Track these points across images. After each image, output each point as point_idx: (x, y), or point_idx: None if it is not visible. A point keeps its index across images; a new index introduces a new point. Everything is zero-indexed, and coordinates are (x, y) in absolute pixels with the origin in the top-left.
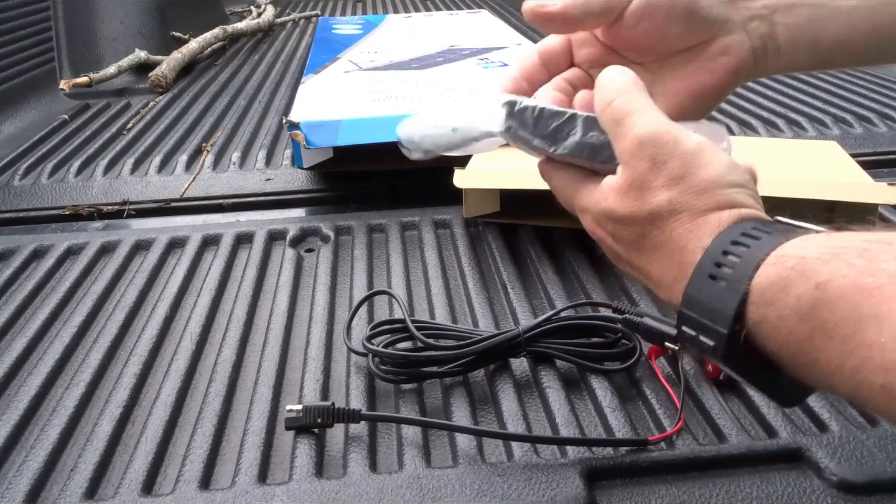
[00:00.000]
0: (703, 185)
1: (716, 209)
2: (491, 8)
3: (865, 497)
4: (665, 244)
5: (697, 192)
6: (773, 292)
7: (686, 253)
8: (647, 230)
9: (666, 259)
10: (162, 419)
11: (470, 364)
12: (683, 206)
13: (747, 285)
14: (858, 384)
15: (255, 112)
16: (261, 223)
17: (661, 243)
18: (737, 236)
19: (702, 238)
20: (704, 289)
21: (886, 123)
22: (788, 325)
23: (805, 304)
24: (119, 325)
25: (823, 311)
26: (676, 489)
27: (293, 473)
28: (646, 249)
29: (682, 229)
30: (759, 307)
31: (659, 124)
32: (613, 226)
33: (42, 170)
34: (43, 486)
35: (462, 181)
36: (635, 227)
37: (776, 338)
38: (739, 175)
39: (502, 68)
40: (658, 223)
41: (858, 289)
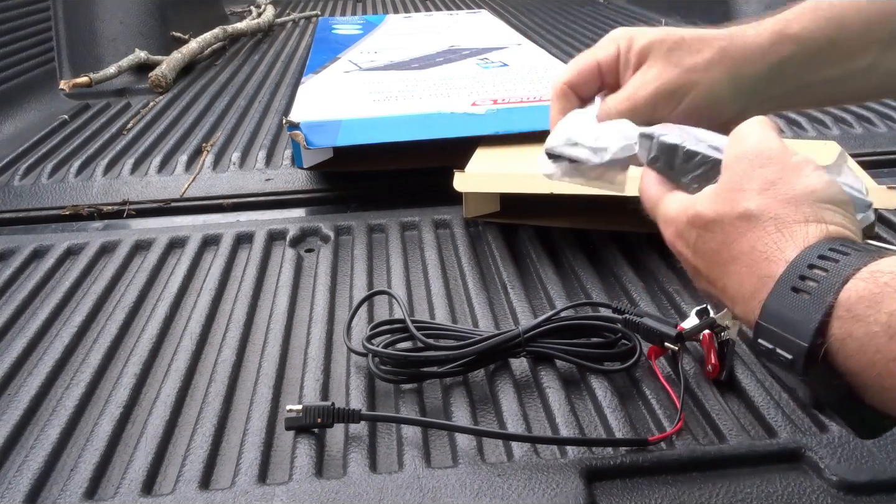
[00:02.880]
0: (795, 195)
1: (804, 222)
2: (491, 8)
3: (865, 497)
4: (747, 253)
5: (788, 200)
6: (862, 307)
7: (769, 264)
8: (731, 237)
9: (746, 270)
10: (162, 419)
11: (470, 364)
12: (771, 213)
13: (833, 298)
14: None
15: (255, 112)
16: (261, 223)
17: (743, 252)
18: (825, 251)
19: (786, 251)
20: (786, 301)
21: (886, 123)
22: (877, 344)
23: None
24: (119, 325)
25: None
26: (676, 489)
27: (293, 473)
28: (726, 261)
29: (768, 239)
30: (846, 322)
31: (771, 139)
32: (697, 233)
33: (42, 170)
34: (43, 486)
35: (462, 185)
36: (719, 234)
37: (861, 357)
38: (837, 194)
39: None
40: (743, 229)
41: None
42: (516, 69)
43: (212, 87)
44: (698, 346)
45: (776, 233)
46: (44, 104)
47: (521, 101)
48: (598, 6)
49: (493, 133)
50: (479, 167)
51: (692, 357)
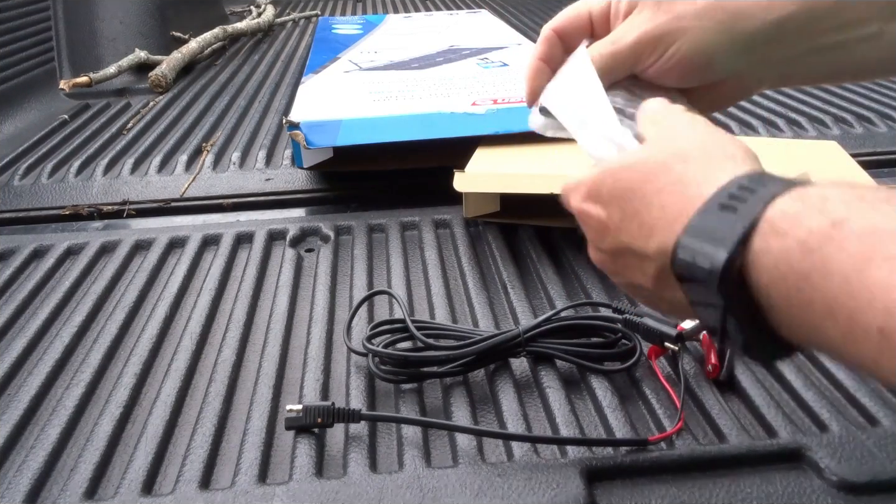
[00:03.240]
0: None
1: (732, 158)
2: (491, 8)
3: (865, 497)
4: (674, 183)
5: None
6: (785, 223)
7: (699, 187)
8: (657, 172)
9: (671, 196)
10: (162, 419)
11: (470, 364)
12: (703, 151)
13: (760, 211)
14: (851, 328)
15: (255, 112)
16: (261, 223)
17: (670, 182)
18: (755, 176)
19: (718, 176)
20: (713, 217)
21: (886, 123)
22: (791, 259)
23: (815, 238)
24: (119, 325)
25: (832, 249)
26: (676, 489)
27: (293, 473)
28: (647, 193)
29: (698, 169)
30: (767, 236)
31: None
32: (615, 179)
33: (42, 170)
34: (43, 486)
35: (462, 185)
36: (640, 172)
37: (774, 271)
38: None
39: None
40: (672, 163)
41: (876, 231)
42: (516, 69)
43: (212, 87)
44: (698, 346)
45: (706, 164)
46: (44, 104)
47: (522, 101)
48: None
49: (493, 133)
50: (479, 167)
51: (692, 357)
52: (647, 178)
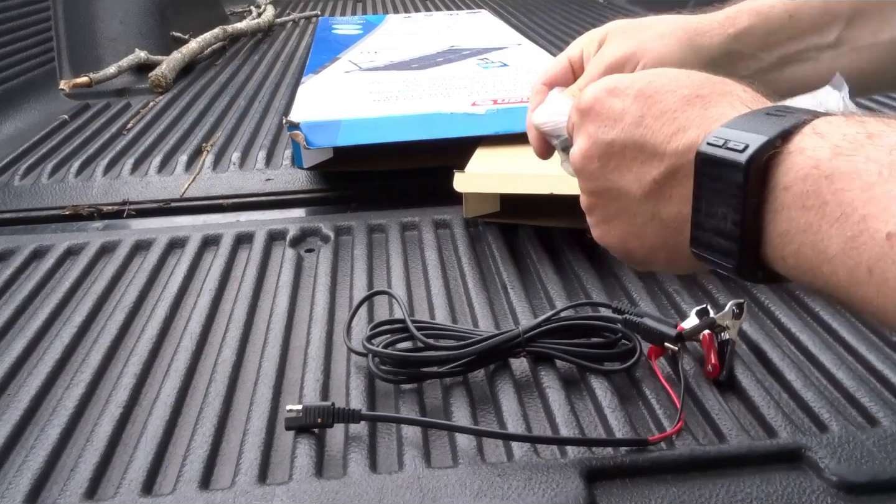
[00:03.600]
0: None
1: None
2: (491, 8)
3: (865, 497)
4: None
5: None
6: (826, 127)
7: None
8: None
9: (716, 100)
10: (162, 419)
11: (470, 364)
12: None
13: (806, 118)
14: (860, 232)
15: (255, 112)
16: (261, 223)
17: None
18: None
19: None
20: (758, 118)
21: None
22: (820, 159)
23: (848, 143)
24: (119, 325)
25: (860, 155)
26: (676, 489)
27: (293, 473)
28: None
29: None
30: (805, 137)
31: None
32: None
33: (42, 170)
34: (43, 486)
35: (462, 185)
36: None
37: (798, 171)
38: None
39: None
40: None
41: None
42: (516, 69)
43: (212, 87)
44: (698, 346)
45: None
46: (44, 104)
47: (521, 101)
48: (598, 6)
49: (493, 133)
50: (479, 167)
51: (692, 357)
52: (690, 85)
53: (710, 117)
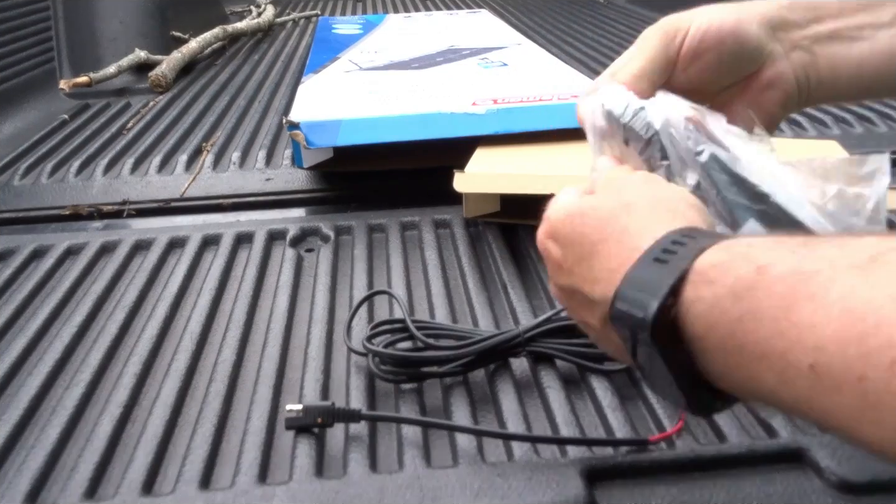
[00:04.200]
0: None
1: (672, 211)
2: (491, 8)
3: (865, 497)
4: (619, 232)
5: (662, 197)
6: (714, 272)
7: (639, 239)
8: (606, 220)
9: (615, 247)
10: (162, 419)
11: (470, 364)
12: (647, 202)
13: (689, 264)
14: (785, 368)
15: (255, 112)
16: (261, 223)
17: (615, 231)
18: (688, 231)
19: (655, 230)
20: (647, 269)
21: (887, 123)
22: (722, 306)
23: (742, 284)
24: (119, 325)
25: (759, 293)
26: (676, 489)
27: (293, 473)
28: (595, 242)
29: (641, 220)
30: (697, 286)
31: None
32: (577, 222)
33: (42, 170)
34: (43, 486)
35: (462, 185)
36: (593, 220)
37: (707, 319)
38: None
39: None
40: (619, 212)
41: (797, 273)
42: (516, 69)
43: (212, 87)
44: None
45: (648, 216)
46: (44, 104)
47: (521, 101)
48: (598, 6)
49: (493, 133)
50: (479, 167)
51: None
52: (596, 226)
53: (612, 269)
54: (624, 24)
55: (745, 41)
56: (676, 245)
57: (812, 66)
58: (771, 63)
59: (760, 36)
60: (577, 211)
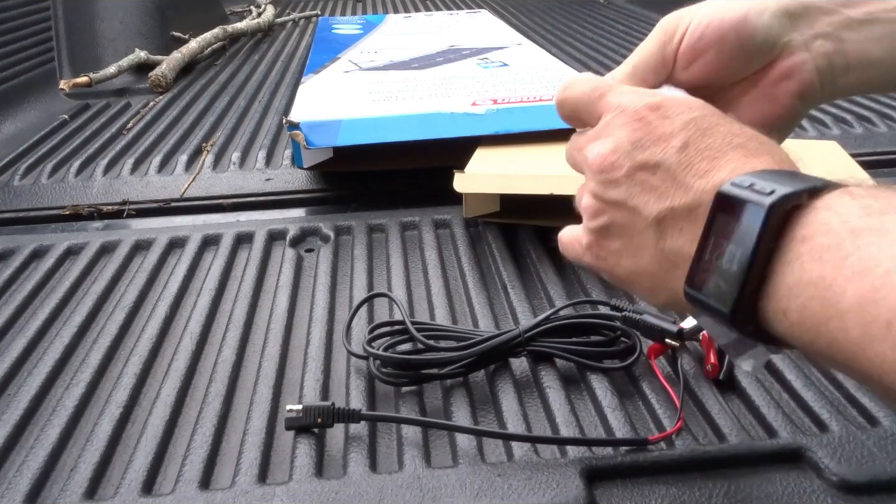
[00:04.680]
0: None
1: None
2: (491, 8)
3: (865, 497)
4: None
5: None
6: (858, 190)
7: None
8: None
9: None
10: (162, 419)
11: (471, 365)
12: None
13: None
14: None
15: (255, 112)
16: (261, 223)
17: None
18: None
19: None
20: (791, 175)
21: (886, 123)
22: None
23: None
24: (119, 325)
25: (889, 217)
26: (676, 489)
27: (293, 473)
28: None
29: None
30: (835, 196)
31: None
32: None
33: (42, 170)
34: (43, 486)
35: (462, 185)
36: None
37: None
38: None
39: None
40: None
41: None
42: (516, 69)
43: (212, 87)
44: (698, 346)
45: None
46: (44, 104)
47: (521, 101)
48: (598, 6)
49: (493, 133)
50: (479, 167)
51: (692, 356)
52: (737, 134)
53: (746, 166)
54: (624, 24)
55: (749, 35)
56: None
57: (839, 53)
58: (786, 55)
59: (772, 27)
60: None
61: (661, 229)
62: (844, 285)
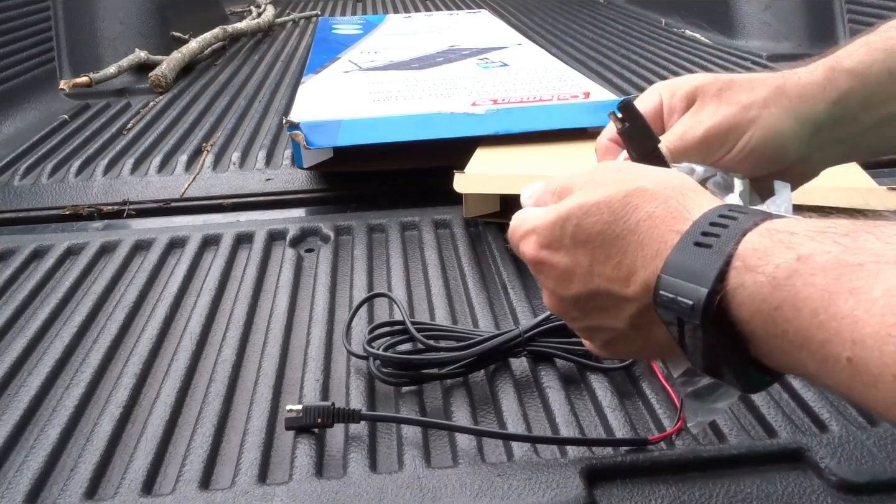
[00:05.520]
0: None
1: (697, 194)
2: (491, 8)
3: (865, 497)
4: (646, 220)
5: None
6: (755, 259)
7: (675, 222)
8: (624, 211)
9: (646, 234)
10: (162, 419)
11: (471, 365)
12: (666, 188)
13: (733, 248)
14: (824, 359)
15: (255, 112)
16: (261, 223)
17: (642, 220)
18: (724, 212)
19: (690, 211)
20: (689, 254)
21: None
22: (762, 293)
23: (783, 272)
24: (119, 325)
25: (798, 282)
26: (676, 489)
27: (293, 473)
28: (619, 234)
29: (669, 204)
30: (740, 272)
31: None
32: (576, 223)
33: (42, 170)
34: (43, 486)
35: (462, 186)
36: (606, 214)
37: (750, 305)
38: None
39: None
40: (638, 201)
41: (839, 264)
42: (516, 69)
43: (212, 87)
44: None
45: (676, 199)
46: (44, 104)
47: (521, 101)
48: (598, 6)
49: (493, 133)
50: (479, 167)
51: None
52: (614, 219)
53: (648, 257)
54: (624, 24)
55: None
56: (717, 227)
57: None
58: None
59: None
60: (576, 210)
61: (641, 329)
62: (800, 355)
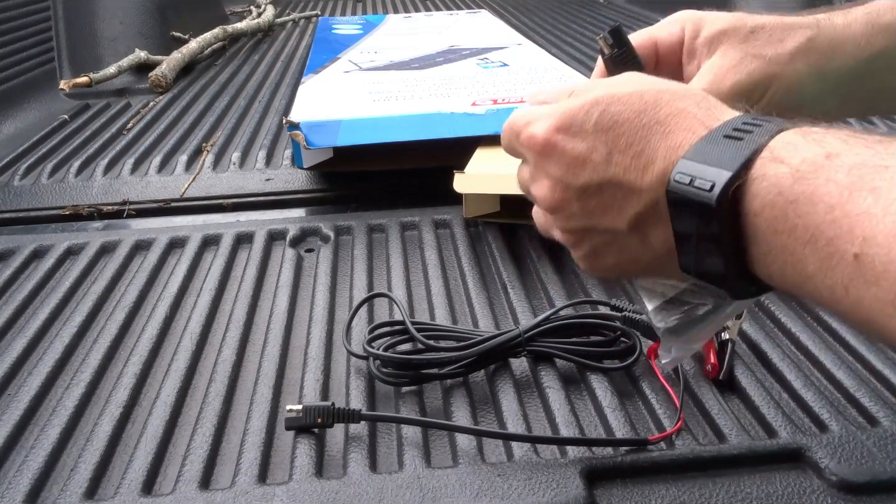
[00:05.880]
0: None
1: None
2: (491, 8)
3: (865, 497)
4: (675, 115)
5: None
6: (784, 151)
7: (705, 119)
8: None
9: (675, 126)
10: (162, 419)
11: (471, 365)
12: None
13: (767, 140)
14: (829, 255)
15: (255, 112)
16: (261, 223)
17: (671, 115)
18: (760, 115)
19: (721, 113)
20: (717, 144)
21: (886, 123)
22: (782, 185)
23: (808, 166)
24: (119, 325)
25: (821, 178)
26: (676, 489)
27: (293, 473)
28: (647, 124)
29: (700, 105)
30: (765, 162)
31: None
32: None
33: (42, 170)
34: (43, 486)
35: (462, 186)
36: (637, 103)
37: (764, 198)
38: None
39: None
40: (669, 97)
41: (865, 165)
42: (516, 69)
43: (212, 87)
44: None
45: (707, 101)
46: (44, 104)
47: (521, 101)
48: (598, 6)
49: (493, 133)
50: (479, 167)
51: (691, 356)
52: (644, 109)
53: (672, 146)
54: (623, 24)
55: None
56: (749, 125)
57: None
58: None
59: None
60: (605, 97)
61: (640, 232)
62: (804, 252)
